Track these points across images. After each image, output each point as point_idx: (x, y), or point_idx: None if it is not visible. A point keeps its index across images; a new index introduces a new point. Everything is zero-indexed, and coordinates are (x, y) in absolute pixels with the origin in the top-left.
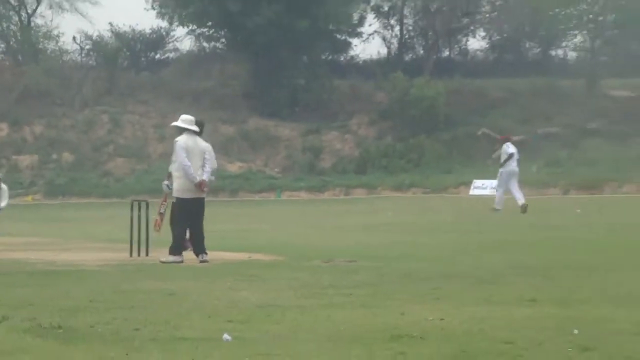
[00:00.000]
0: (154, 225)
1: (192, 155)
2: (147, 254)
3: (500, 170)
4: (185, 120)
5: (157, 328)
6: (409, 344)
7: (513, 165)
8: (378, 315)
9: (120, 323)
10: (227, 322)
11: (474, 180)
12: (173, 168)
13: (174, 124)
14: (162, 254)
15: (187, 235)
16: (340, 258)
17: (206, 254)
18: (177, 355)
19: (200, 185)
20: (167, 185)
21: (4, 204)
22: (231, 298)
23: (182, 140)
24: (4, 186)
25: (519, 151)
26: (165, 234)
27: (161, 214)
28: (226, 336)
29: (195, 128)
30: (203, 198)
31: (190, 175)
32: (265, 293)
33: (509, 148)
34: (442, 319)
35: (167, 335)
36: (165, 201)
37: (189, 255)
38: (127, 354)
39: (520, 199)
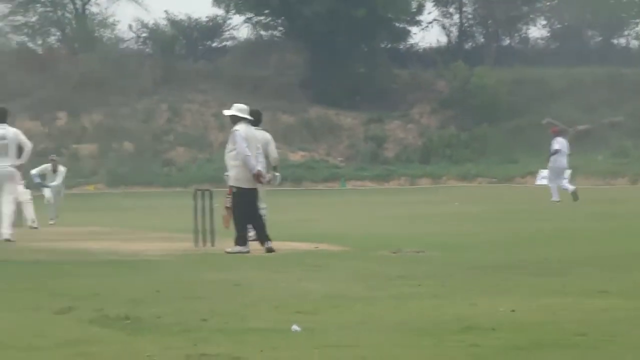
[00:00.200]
0: (223, 222)
1: (249, 145)
2: (212, 244)
3: (549, 165)
4: (240, 109)
5: (224, 319)
6: (481, 335)
7: (562, 162)
8: (447, 306)
9: (187, 314)
10: (295, 313)
11: (540, 170)
12: (230, 157)
13: (229, 112)
14: (227, 245)
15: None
16: (408, 248)
17: (270, 240)
18: (245, 346)
19: (257, 176)
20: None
21: (56, 182)
22: (299, 289)
23: (242, 129)
24: (62, 168)
25: (571, 146)
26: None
27: (228, 208)
28: (295, 327)
29: (250, 117)
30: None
31: (250, 165)
32: (333, 284)
33: (555, 144)
34: (513, 311)
35: (235, 326)
36: (230, 193)
37: (254, 245)
38: (195, 345)
39: (570, 188)
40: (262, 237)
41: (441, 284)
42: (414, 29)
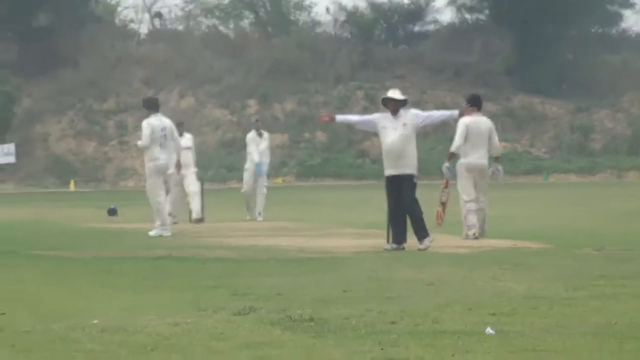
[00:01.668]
0: (436, 218)
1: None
2: (405, 240)
3: None
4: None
5: (415, 321)
6: None
7: None
8: None
9: (375, 315)
10: (490, 314)
11: None
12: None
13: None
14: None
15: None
16: (613, 246)
17: (425, 239)
18: (436, 350)
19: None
20: (449, 168)
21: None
22: (495, 288)
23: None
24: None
25: None
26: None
27: (443, 204)
28: (489, 329)
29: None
30: (407, 175)
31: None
32: (532, 283)
33: None
34: None
35: (425, 329)
36: (446, 187)
37: (445, 241)
38: (382, 349)
39: None
40: (415, 235)
41: None
42: (627, 12)
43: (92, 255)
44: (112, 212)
